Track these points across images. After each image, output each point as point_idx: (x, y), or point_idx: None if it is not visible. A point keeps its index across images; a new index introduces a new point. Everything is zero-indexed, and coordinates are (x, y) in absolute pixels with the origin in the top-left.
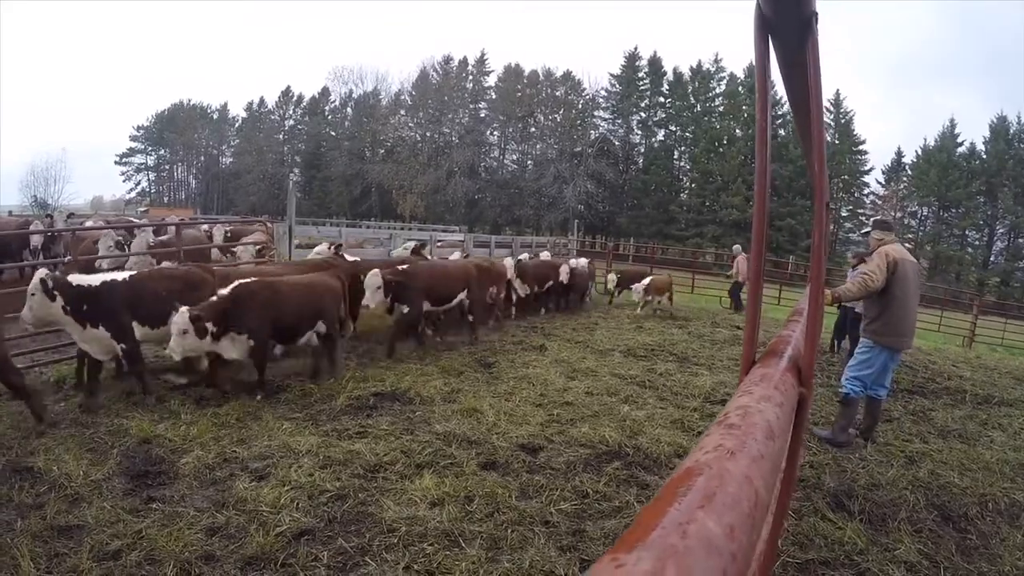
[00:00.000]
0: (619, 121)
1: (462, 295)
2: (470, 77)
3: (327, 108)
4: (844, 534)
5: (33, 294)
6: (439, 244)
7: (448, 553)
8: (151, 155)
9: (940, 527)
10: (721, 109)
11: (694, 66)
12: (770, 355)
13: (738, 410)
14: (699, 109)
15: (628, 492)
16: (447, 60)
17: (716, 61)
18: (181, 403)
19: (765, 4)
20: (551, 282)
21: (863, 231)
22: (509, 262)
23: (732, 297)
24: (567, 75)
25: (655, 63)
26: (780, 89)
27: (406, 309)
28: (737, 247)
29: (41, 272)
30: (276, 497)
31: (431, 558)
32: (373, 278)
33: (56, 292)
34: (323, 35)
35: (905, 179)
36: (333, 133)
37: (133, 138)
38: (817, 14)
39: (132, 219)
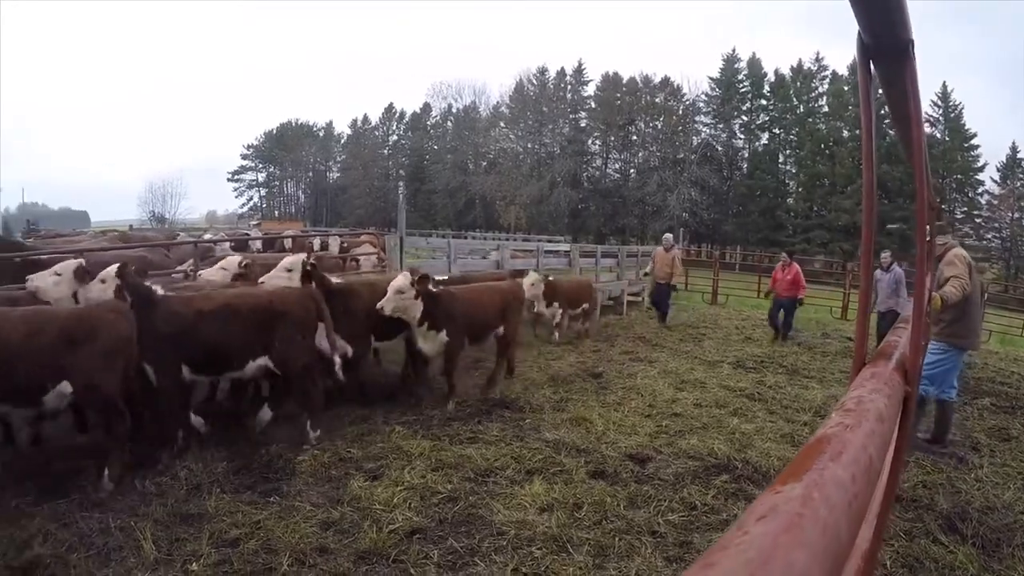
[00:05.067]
0: (721, 126)
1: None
2: (568, 87)
3: (428, 123)
4: (955, 558)
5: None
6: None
7: (556, 558)
8: (261, 172)
9: None
10: (826, 109)
11: (795, 65)
12: (879, 357)
13: (853, 399)
14: (802, 110)
15: (736, 506)
16: (542, 71)
17: (817, 60)
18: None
19: (865, 33)
20: (586, 304)
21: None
22: (533, 278)
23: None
24: (665, 81)
25: (754, 64)
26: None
27: None
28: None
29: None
30: (389, 496)
31: (539, 562)
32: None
33: None
34: (421, 53)
35: (1022, 176)
36: (435, 147)
37: (244, 156)
38: (913, 41)
39: (247, 232)
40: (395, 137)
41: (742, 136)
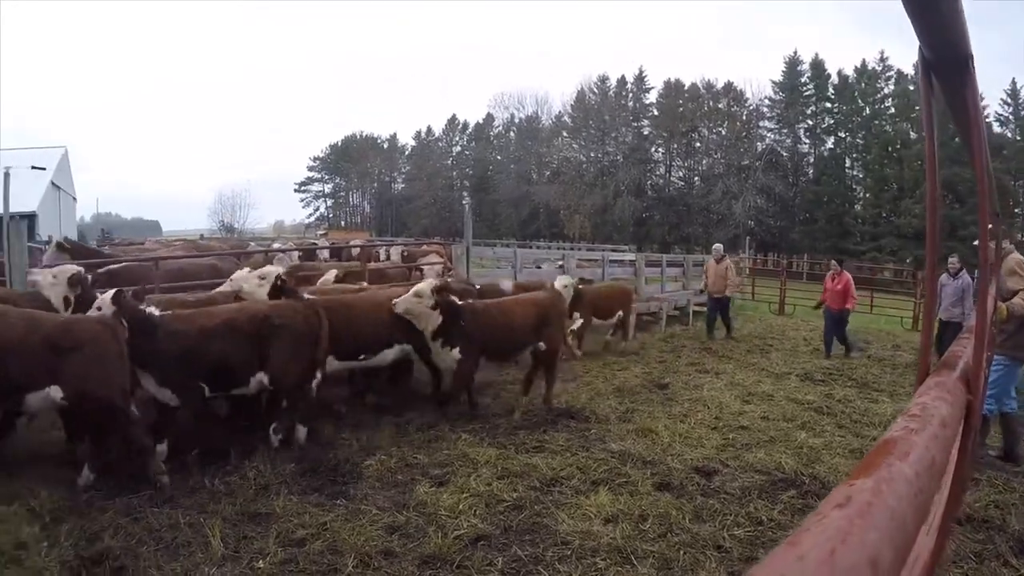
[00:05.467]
0: (785, 131)
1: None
2: (630, 95)
3: (491, 133)
4: None
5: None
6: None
7: (620, 569)
8: (328, 183)
9: None
10: (892, 111)
11: (858, 65)
12: (943, 367)
13: (918, 406)
14: (868, 112)
15: (803, 522)
16: (603, 79)
17: (882, 59)
18: (365, 413)
19: (925, 48)
20: (620, 313)
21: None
22: (565, 280)
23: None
24: (728, 86)
25: (817, 66)
26: None
27: None
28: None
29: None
30: (455, 503)
31: (602, 573)
32: None
33: None
34: (482, 64)
35: None
36: (499, 157)
37: (310, 168)
38: (972, 56)
39: (314, 242)
40: (458, 148)
41: (807, 141)
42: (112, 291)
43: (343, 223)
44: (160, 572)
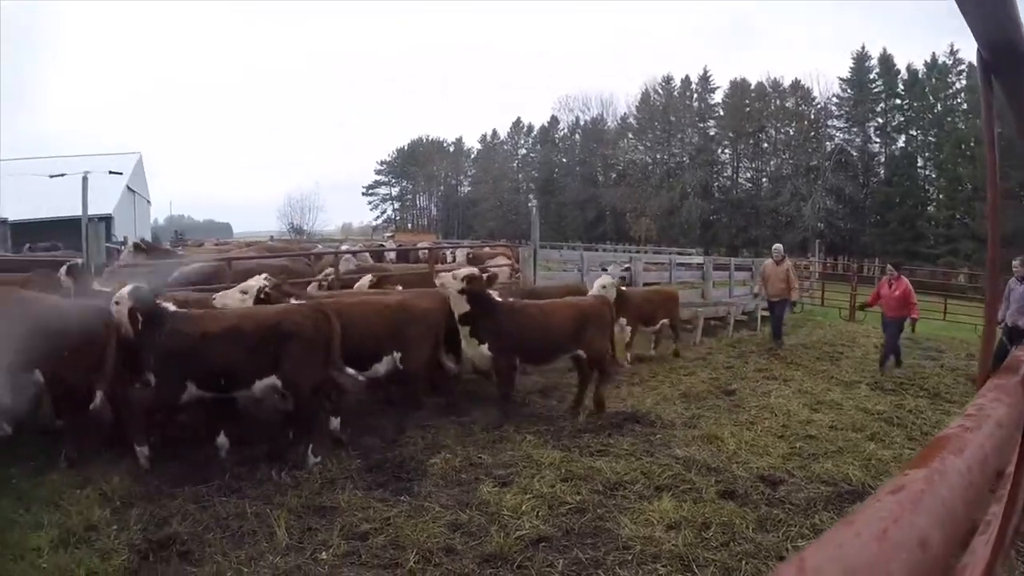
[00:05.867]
0: (855, 129)
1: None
2: (695, 95)
3: (556, 136)
4: None
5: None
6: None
7: None
8: (394, 186)
9: None
10: (964, 106)
11: (928, 60)
12: (1005, 371)
13: (975, 407)
14: (939, 109)
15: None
16: (668, 80)
17: (952, 53)
18: (431, 411)
19: (984, 49)
20: (665, 320)
21: None
22: (605, 280)
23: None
24: (795, 84)
25: (886, 61)
26: None
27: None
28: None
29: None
30: (518, 503)
31: None
32: None
33: None
34: (547, 67)
35: None
36: (564, 159)
37: (378, 171)
38: None
39: (382, 244)
40: (524, 151)
41: (878, 140)
42: (131, 285)
43: (410, 225)
44: (225, 559)
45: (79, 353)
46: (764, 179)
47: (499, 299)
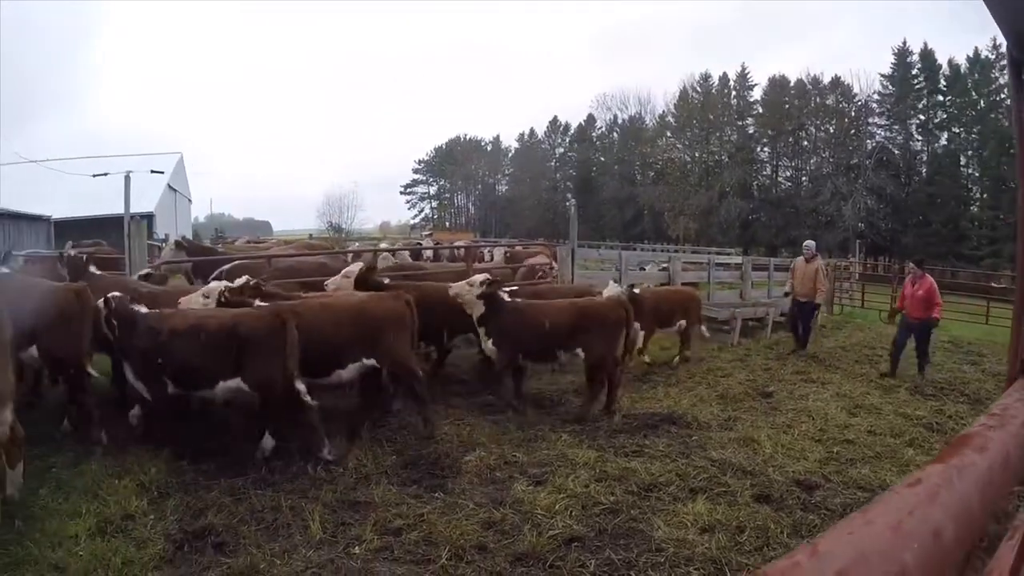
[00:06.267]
0: (896, 127)
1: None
2: (733, 93)
3: (594, 134)
4: None
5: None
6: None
7: None
8: (432, 185)
9: None
10: (1008, 103)
11: (971, 55)
12: None
13: (1000, 407)
14: (983, 105)
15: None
16: (706, 77)
17: (995, 46)
18: (467, 409)
19: (1014, 48)
20: (682, 322)
21: None
22: (613, 289)
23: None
24: (835, 81)
25: (927, 56)
26: None
27: None
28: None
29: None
30: (551, 502)
31: None
32: None
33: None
34: (583, 65)
35: None
36: (602, 158)
37: (415, 170)
38: None
39: (419, 242)
40: (561, 149)
41: (920, 138)
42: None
43: (447, 224)
44: (259, 550)
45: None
46: (804, 178)
47: (507, 299)
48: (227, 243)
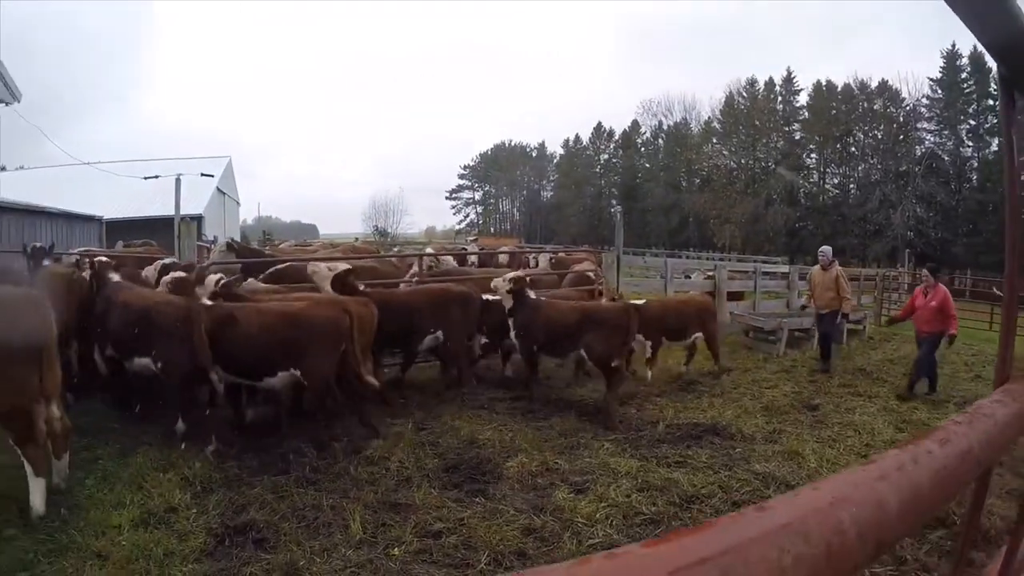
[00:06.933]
0: (946, 132)
1: None
2: (779, 99)
3: (639, 141)
4: None
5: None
6: None
7: None
8: (478, 191)
9: None
10: None
11: None
12: (1021, 377)
13: (975, 406)
14: None
15: (950, 565)
16: (751, 83)
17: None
18: (509, 414)
19: (1002, 66)
20: (698, 334)
21: None
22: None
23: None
24: (883, 85)
25: (977, 59)
26: None
27: None
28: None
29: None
30: (592, 511)
31: None
32: None
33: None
34: (628, 71)
35: None
36: (647, 164)
37: (461, 176)
38: None
39: (464, 247)
40: (606, 156)
41: (970, 143)
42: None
43: (493, 230)
44: (299, 548)
45: None
46: (852, 185)
47: (531, 296)
48: (273, 245)
